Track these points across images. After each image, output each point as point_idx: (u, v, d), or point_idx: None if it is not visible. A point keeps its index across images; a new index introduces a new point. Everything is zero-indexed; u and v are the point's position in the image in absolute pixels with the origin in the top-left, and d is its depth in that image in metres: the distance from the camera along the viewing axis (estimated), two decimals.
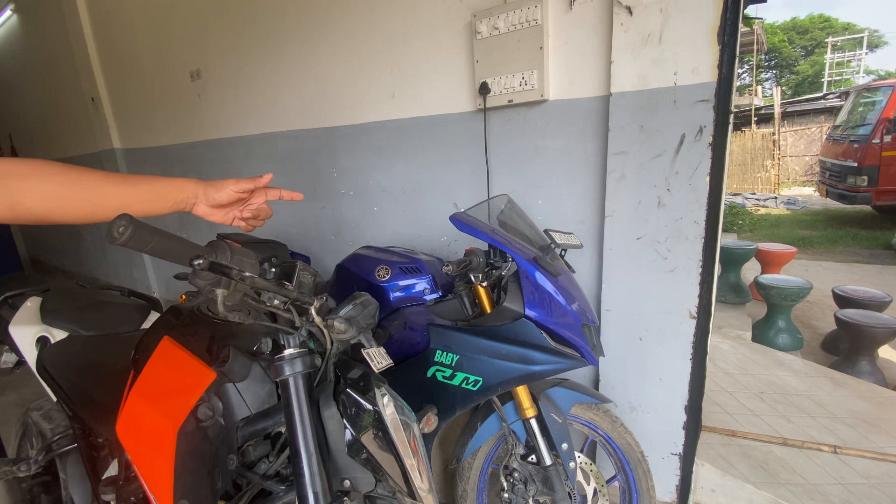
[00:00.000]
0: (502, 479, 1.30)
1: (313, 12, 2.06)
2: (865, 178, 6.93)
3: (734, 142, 12.36)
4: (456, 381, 1.20)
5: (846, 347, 2.97)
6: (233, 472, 0.77)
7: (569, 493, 1.29)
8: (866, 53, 23.20)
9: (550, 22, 1.47)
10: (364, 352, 0.78)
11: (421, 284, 1.39)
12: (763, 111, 13.68)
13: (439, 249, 1.91)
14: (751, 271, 4.28)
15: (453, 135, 1.79)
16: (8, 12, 4.23)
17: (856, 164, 7.06)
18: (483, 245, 1.30)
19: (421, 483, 0.76)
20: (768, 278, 3.20)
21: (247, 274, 0.60)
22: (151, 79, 3.01)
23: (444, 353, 1.21)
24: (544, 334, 1.15)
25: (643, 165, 1.38)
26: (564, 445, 1.26)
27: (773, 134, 11.43)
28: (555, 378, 1.39)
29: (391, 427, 0.74)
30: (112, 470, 1.08)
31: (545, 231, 1.31)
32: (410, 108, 1.87)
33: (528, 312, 1.14)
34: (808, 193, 10.65)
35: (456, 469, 1.35)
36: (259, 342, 0.80)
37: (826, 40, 25.00)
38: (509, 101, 1.59)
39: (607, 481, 1.38)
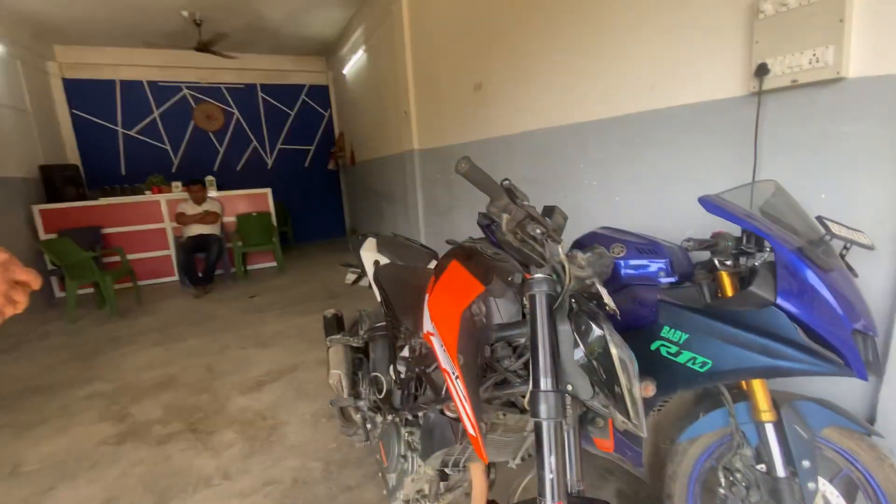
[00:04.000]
0: (720, 476, 1.24)
1: (580, 14, 2.29)
2: None
3: None
4: (681, 360, 1.23)
5: None
6: (486, 359, 1.07)
7: None
8: None
9: None
10: (599, 287, 0.95)
11: (655, 266, 1.44)
12: None
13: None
14: None
15: (716, 122, 1.72)
16: (361, 53, 6.07)
17: None
18: (735, 231, 1.26)
19: (630, 405, 0.89)
20: None
21: (525, 202, 0.86)
22: (445, 92, 3.87)
23: (673, 329, 1.25)
24: (798, 329, 1.05)
25: None
26: (806, 463, 1.12)
27: None
28: (807, 395, 1.22)
29: (613, 353, 0.90)
30: (405, 352, 1.58)
31: (818, 217, 1.17)
32: (670, 98, 1.88)
33: (781, 301, 1.07)
34: None
35: (668, 450, 1.36)
36: (513, 275, 1.08)
37: None
38: (793, 80, 1.43)
39: None
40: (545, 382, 0.90)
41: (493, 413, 1.14)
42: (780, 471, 1.14)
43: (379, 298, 1.76)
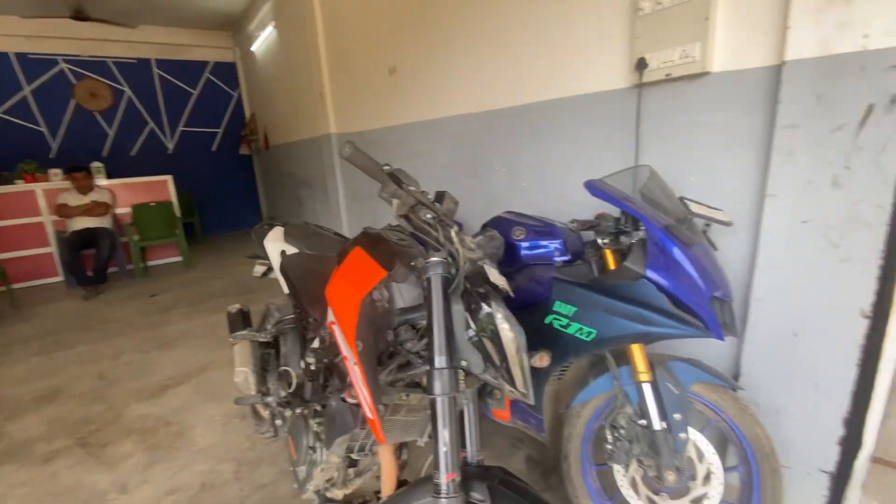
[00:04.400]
0: (607, 433, 1.38)
1: (483, 8, 2.33)
2: None
3: None
4: (571, 331, 1.33)
5: None
6: (389, 343, 1.08)
7: (677, 467, 1.29)
8: None
9: None
10: (486, 267, 0.99)
11: (552, 246, 1.54)
12: None
13: None
14: None
15: (605, 112, 1.86)
16: (270, 29, 5.68)
17: None
18: (616, 212, 1.38)
19: (518, 376, 0.95)
20: None
21: (412, 188, 0.87)
22: (360, 74, 3.75)
23: (564, 304, 1.35)
24: (666, 298, 1.19)
25: (817, 140, 1.25)
26: (677, 416, 1.28)
27: None
28: (679, 355, 1.39)
29: (500, 329, 0.94)
30: (315, 344, 1.54)
31: (681, 198, 1.31)
32: (568, 89, 1.99)
33: (650, 274, 1.19)
34: None
35: (564, 414, 1.48)
36: (416, 260, 1.09)
37: None
38: (667, 74, 1.58)
39: (726, 469, 1.32)
40: (440, 360, 0.93)
41: (397, 395, 1.15)
42: (657, 424, 1.29)
43: (286, 290, 1.69)
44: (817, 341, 1.34)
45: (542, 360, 1.42)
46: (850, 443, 1.34)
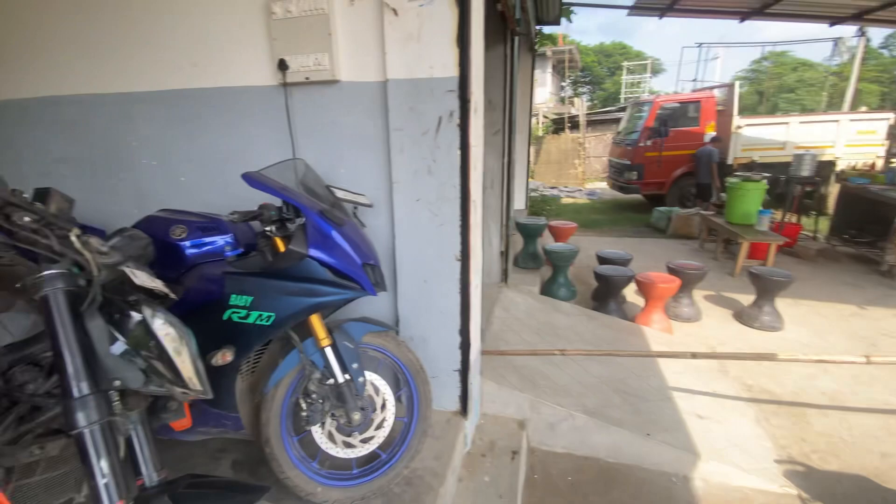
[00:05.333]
0: (302, 403, 1.51)
1: None
2: (635, 173, 8.99)
3: (553, 143, 14.59)
4: (251, 320, 1.37)
5: (601, 293, 3.96)
6: None
7: (362, 407, 1.57)
8: (650, 77, 29.57)
9: (336, 12, 1.71)
10: (129, 272, 0.91)
11: (221, 241, 1.51)
12: (576, 119, 16.37)
13: None
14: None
15: (261, 107, 1.91)
16: None
17: (629, 163, 9.10)
18: (278, 202, 1.49)
19: (190, 376, 0.93)
20: (551, 245, 4.06)
21: None
22: None
23: (239, 296, 1.37)
24: (328, 271, 1.40)
25: (415, 140, 1.73)
26: (355, 365, 1.54)
27: (579, 138, 13.85)
28: (353, 317, 1.67)
29: (158, 334, 0.89)
30: None
31: (327, 186, 1.55)
32: (214, 78, 1.92)
33: (312, 252, 1.37)
34: (604, 187, 13.20)
35: (261, 401, 1.52)
36: (24, 279, 0.87)
37: (623, 64, 31.07)
38: (306, 78, 1.78)
39: (397, 392, 1.70)
40: (79, 388, 0.80)
41: (25, 452, 0.91)
42: (340, 377, 1.51)
43: None
44: (436, 283, 1.89)
45: (225, 356, 1.41)
46: (465, 346, 1.97)
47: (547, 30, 7.52)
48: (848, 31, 14.99)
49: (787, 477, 2.16)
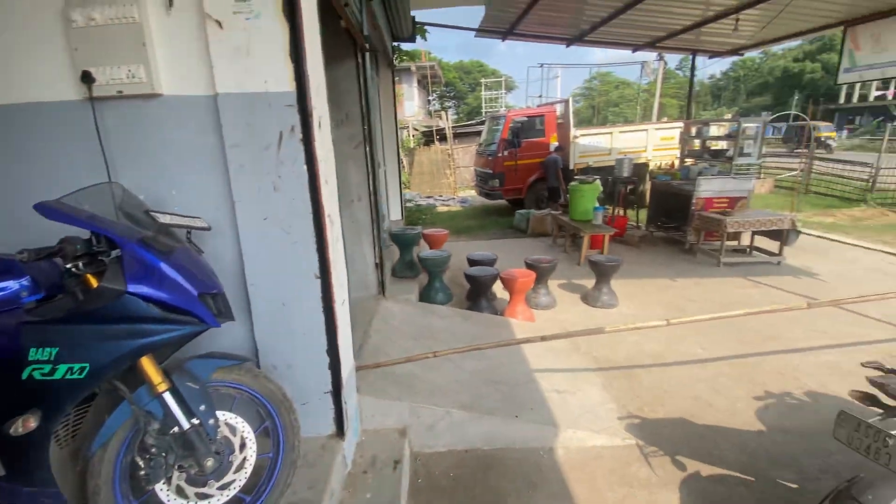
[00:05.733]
0: (139, 461, 1.32)
1: None
2: (497, 181, 9.80)
3: (424, 154, 15.13)
4: (59, 375, 1.16)
5: (473, 293, 4.23)
6: None
7: (216, 451, 1.43)
8: (505, 93, 32.63)
9: (151, 21, 1.54)
10: None
11: (14, 286, 1.25)
12: (444, 131, 17.22)
13: None
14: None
15: (65, 126, 1.63)
16: None
17: (491, 171, 9.89)
18: (87, 233, 1.28)
19: None
20: (425, 253, 4.20)
21: None
22: None
23: (40, 349, 1.15)
24: (152, 306, 1.24)
25: (256, 157, 1.65)
26: (202, 407, 1.39)
27: (447, 150, 14.62)
28: (198, 353, 1.51)
29: None
30: None
31: (146, 211, 1.40)
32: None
33: (132, 288, 1.21)
34: (474, 194, 14.12)
35: (86, 468, 1.29)
36: None
37: (481, 80, 33.76)
38: (119, 91, 1.58)
39: (257, 428, 1.59)
40: None
41: None
42: (185, 424, 1.36)
43: None
44: (296, 304, 1.81)
45: (28, 423, 1.18)
46: (335, 366, 1.92)
47: (406, 46, 7.80)
48: (651, 55, 18.48)
49: (628, 430, 2.55)
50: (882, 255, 5.89)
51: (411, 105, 25.12)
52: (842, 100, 30.32)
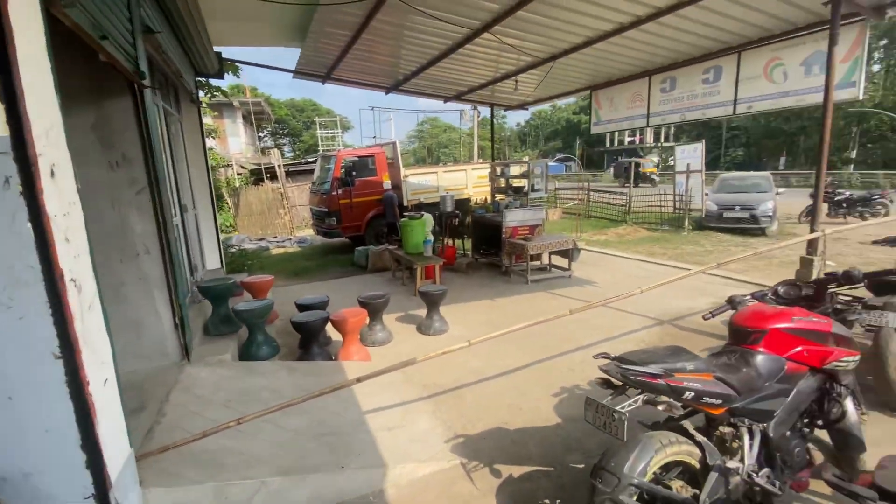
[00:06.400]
0: None
1: None
2: (334, 218, 9.68)
3: (253, 194, 14.07)
4: None
5: (304, 340, 4.01)
6: None
7: None
8: (341, 132, 32.90)
9: None
10: None
11: None
12: (277, 169, 16.32)
13: None
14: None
15: None
16: None
17: (327, 210, 9.73)
18: None
19: None
20: (239, 305, 3.83)
21: None
22: None
23: None
24: None
25: None
26: None
27: (280, 188, 13.90)
28: None
29: None
30: None
31: None
32: None
33: None
34: (313, 234, 13.65)
35: None
36: None
37: (315, 119, 33.44)
38: None
39: None
40: None
41: None
42: None
43: None
44: (29, 395, 1.44)
45: None
46: (97, 462, 1.57)
47: (217, 82, 7.23)
48: (467, 105, 20.97)
49: (453, 451, 2.69)
50: (637, 262, 7.66)
51: (237, 141, 23.31)
52: (608, 144, 39.11)
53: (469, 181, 11.01)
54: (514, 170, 8.35)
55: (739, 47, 5.23)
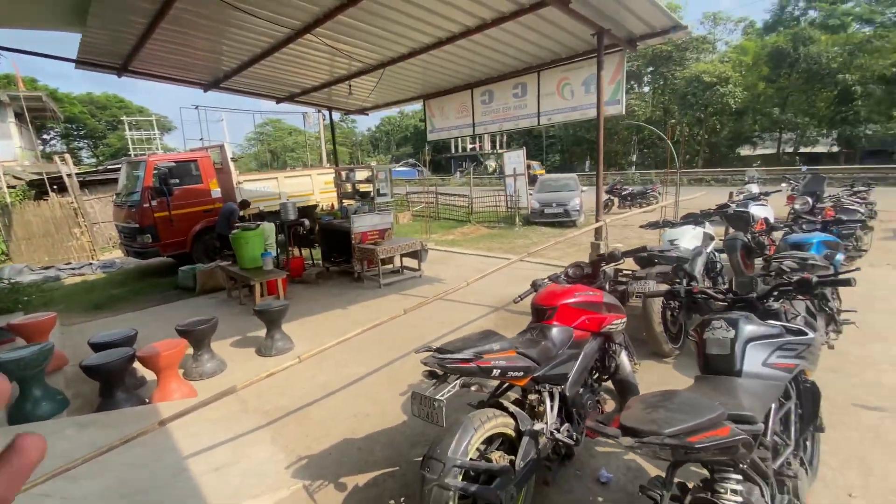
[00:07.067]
0: None
1: None
2: (148, 235, 8.21)
3: (33, 211, 11.09)
4: None
5: (104, 387, 3.30)
6: None
7: None
8: (159, 134, 28.00)
9: None
10: None
11: None
12: (66, 179, 13.12)
13: None
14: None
15: None
16: None
17: (138, 225, 8.21)
18: None
19: None
20: (2, 355, 2.97)
21: None
22: None
23: None
24: None
25: None
26: None
27: (73, 202, 11.26)
28: None
29: None
30: None
31: None
32: None
33: None
34: (123, 255, 11.42)
35: None
36: None
37: (123, 118, 27.87)
38: None
39: None
40: None
41: None
42: None
43: None
44: None
45: None
46: None
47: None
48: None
49: (295, 475, 2.52)
50: (479, 257, 8.35)
51: (7, 145, 18.15)
52: (453, 150, 41.79)
53: (315, 187, 10.53)
54: (360, 174, 8.28)
55: (539, 67, 6.12)
